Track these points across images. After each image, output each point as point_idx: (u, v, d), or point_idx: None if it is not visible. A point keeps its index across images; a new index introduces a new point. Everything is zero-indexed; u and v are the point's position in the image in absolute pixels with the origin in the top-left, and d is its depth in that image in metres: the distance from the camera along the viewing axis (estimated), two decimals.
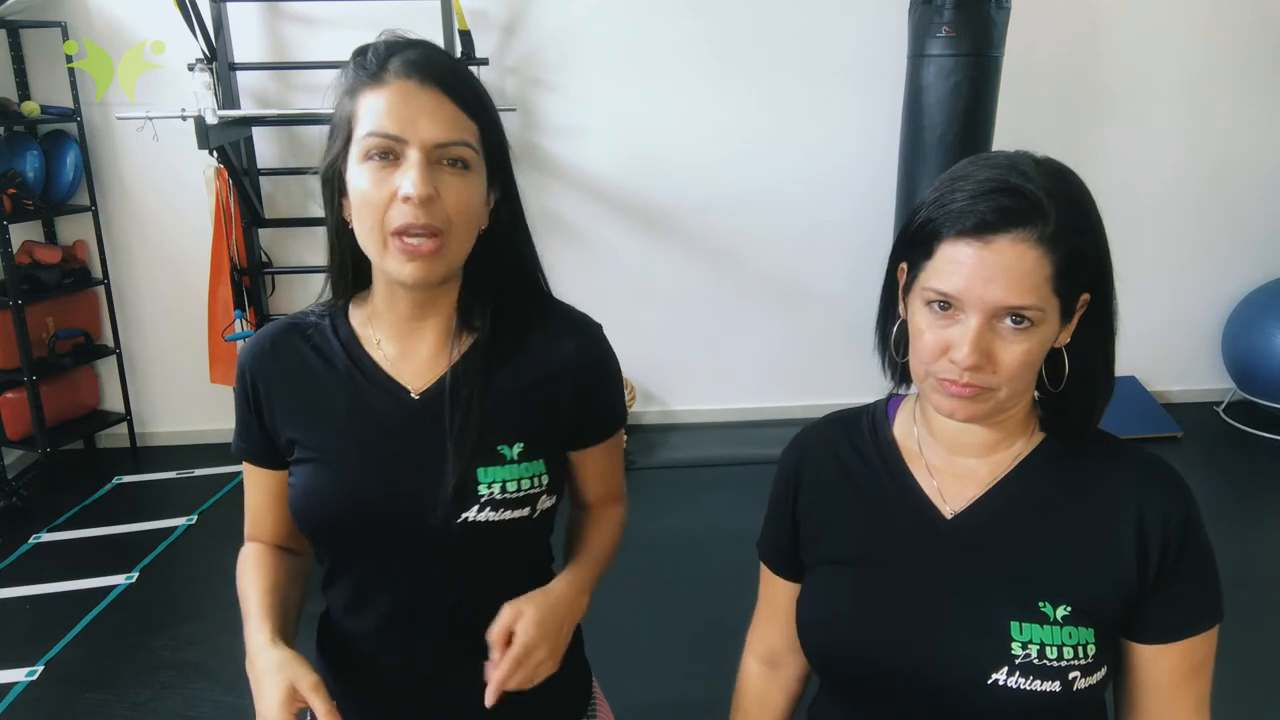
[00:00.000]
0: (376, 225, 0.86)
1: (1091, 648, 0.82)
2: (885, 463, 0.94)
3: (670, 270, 3.92)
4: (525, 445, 0.95)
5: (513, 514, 0.93)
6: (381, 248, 0.87)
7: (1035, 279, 0.78)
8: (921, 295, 0.83)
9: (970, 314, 0.79)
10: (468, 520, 0.92)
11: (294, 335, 0.99)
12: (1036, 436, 0.90)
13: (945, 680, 0.84)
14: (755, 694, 1.08)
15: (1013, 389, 0.82)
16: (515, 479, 0.93)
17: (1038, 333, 0.80)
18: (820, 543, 0.96)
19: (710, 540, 3.05)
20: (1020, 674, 0.81)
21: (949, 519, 0.89)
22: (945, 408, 0.84)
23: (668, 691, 2.35)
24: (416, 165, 0.84)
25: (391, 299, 0.95)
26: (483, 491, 0.92)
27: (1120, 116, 3.87)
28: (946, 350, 0.81)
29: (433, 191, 0.85)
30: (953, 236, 0.80)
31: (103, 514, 3.37)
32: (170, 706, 2.31)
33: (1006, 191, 0.78)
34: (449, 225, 0.87)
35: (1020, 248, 0.77)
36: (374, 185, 0.86)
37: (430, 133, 0.85)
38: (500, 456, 0.93)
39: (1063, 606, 0.83)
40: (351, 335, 0.98)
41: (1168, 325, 4.08)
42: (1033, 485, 0.88)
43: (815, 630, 0.93)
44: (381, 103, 0.86)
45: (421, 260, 0.86)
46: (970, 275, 0.78)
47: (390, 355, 0.97)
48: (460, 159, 0.87)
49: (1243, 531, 3.16)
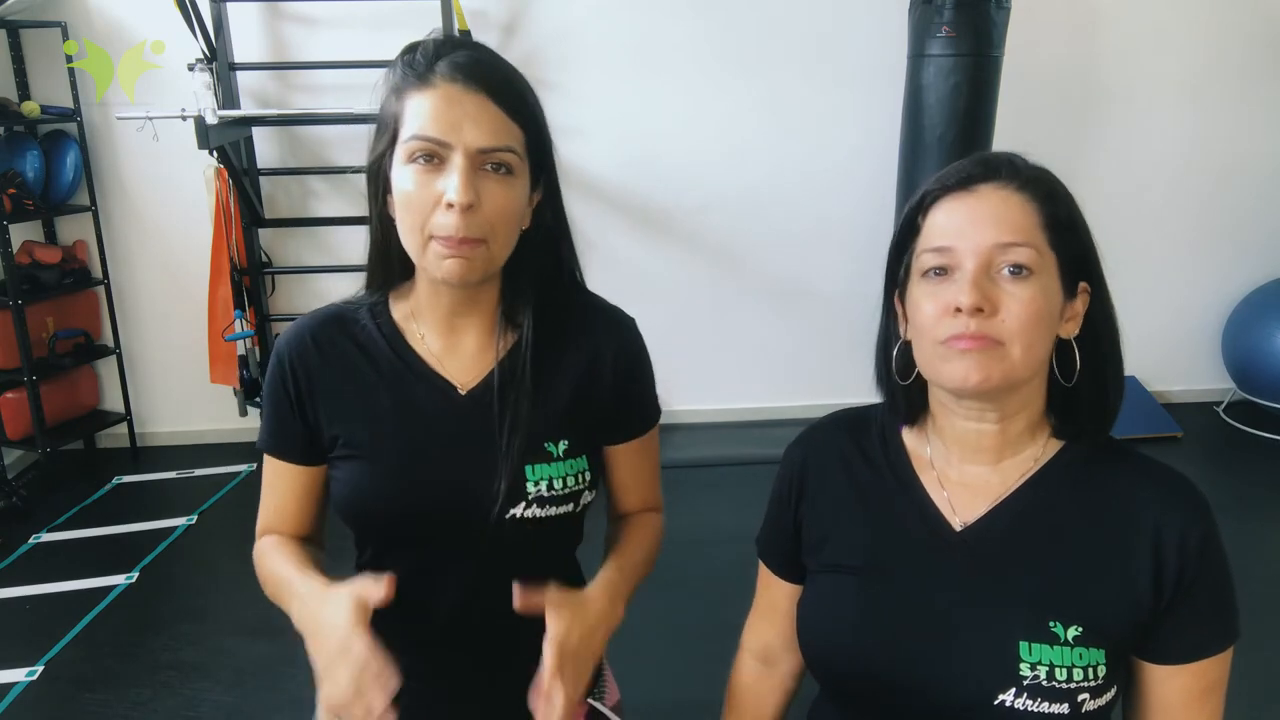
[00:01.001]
0: (418, 227, 0.87)
1: (1102, 669, 0.80)
2: (894, 470, 0.92)
3: (670, 270, 3.92)
4: (570, 442, 0.96)
5: (559, 510, 0.95)
6: (422, 247, 0.88)
7: (1023, 221, 0.80)
8: (918, 268, 0.84)
9: (966, 262, 0.80)
10: (515, 516, 0.93)
11: (334, 328, 0.99)
12: (1051, 445, 0.88)
13: (951, 699, 0.82)
14: (749, 691, 1.08)
15: (1024, 346, 0.79)
16: (561, 476, 0.95)
17: (1037, 282, 0.80)
18: (824, 548, 0.94)
19: (710, 540, 3.05)
20: (1028, 695, 0.79)
21: (958, 531, 0.87)
22: (957, 375, 0.80)
23: (668, 691, 2.35)
24: (460, 171, 0.85)
25: (434, 295, 0.95)
26: (530, 489, 0.93)
27: (1120, 116, 3.87)
28: (948, 309, 0.80)
29: (475, 199, 0.85)
30: (938, 198, 0.84)
31: (103, 514, 3.37)
32: (170, 706, 2.31)
33: (981, 155, 0.85)
34: (491, 232, 0.88)
35: (1004, 193, 0.81)
36: (418, 188, 0.86)
37: (474, 138, 0.86)
38: (548, 454, 0.95)
39: (1074, 627, 0.80)
40: (395, 330, 0.98)
41: (1168, 325, 4.08)
42: (1046, 498, 0.86)
43: (817, 638, 0.92)
44: (427, 105, 0.86)
45: (462, 259, 0.87)
46: (960, 223, 0.81)
47: (435, 350, 0.97)
48: (504, 164, 0.88)
49: (1243, 531, 3.16)
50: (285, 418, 0.99)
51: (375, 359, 0.97)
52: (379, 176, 0.92)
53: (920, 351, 0.85)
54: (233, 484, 3.58)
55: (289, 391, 0.98)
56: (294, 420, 0.99)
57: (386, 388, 0.96)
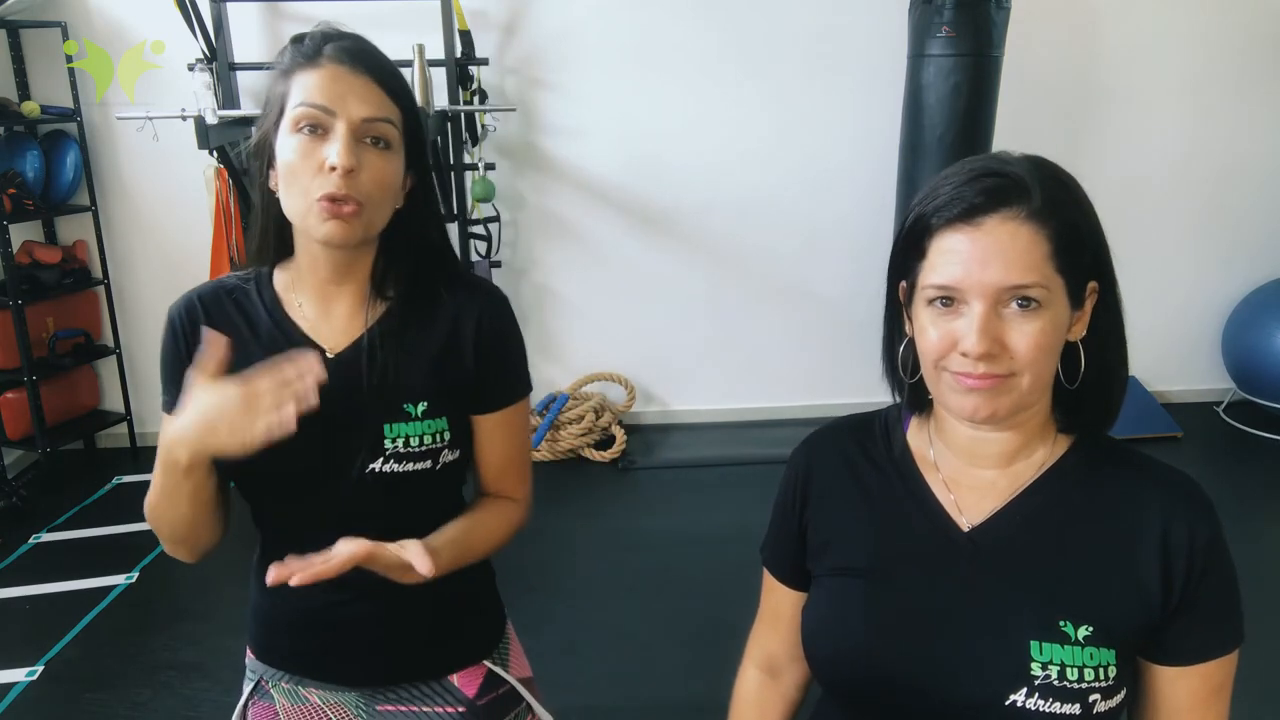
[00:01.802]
0: (302, 191, 0.93)
1: (1113, 669, 0.79)
2: (899, 471, 0.91)
3: (670, 270, 3.92)
4: (429, 404, 1.01)
5: (415, 466, 1.01)
6: (305, 211, 0.94)
7: (1033, 256, 0.77)
8: (923, 296, 0.82)
9: (973, 301, 0.78)
10: (374, 471, 1.00)
11: (222, 296, 1.06)
12: (1060, 443, 0.87)
13: (961, 700, 0.81)
14: (753, 702, 1.06)
15: (1034, 375, 0.79)
16: (419, 434, 1.01)
17: (1047, 314, 0.78)
18: (829, 552, 0.93)
19: (710, 540, 3.05)
20: (1040, 695, 0.78)
21: (966, 532, 0.86)
22: (965, 408, 0.80)
23: (668, 691, 2.34)
24: (342, 138, 0.92)
25: (313, 263, 1.02)
26: (388, 446, 1.00)
27: (1120, 116, 3.87)
28: (954, 344, 0.79)
29: (356, 164, 0.92)
30: (942, 227, 0.80)
31: (103, 514, 3.37)
32: (170, 706, 2.31)
33: (989, 175, 0.79)
34: (368, 198, 0.94)
35: (1011, 225, 0.77)
36: (302, 155, 0.93)
37: (358, 109, 0.93)
38: (406, 414, 1.01)
39: (1084, 627, 0.80)
40: (275, 298, 1.05)
41: (1168, 325, 4.08)
42: (1053, 499, 0.85)
43: (823, 642, 0.91)
44: (315, 80, 0.94)
45: (341, 220, 0.93)
46: (966, 262, 0.78)
47: (310, 317, 1.04)
48: (383, 137, 0.95)
49: (1243, 531, 3.15)
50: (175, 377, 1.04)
51: (255, 324, 1.04)
52: (264, 152, 0.99)
53: (926, 371, 0.85)
54: (232, 484, 3.57)
55: (178, 350, 1.05)
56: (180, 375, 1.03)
57: (262, 351, 1.01)
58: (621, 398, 3.99)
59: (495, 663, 1.15)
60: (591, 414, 3.80)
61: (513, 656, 1.19)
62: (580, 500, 3.44)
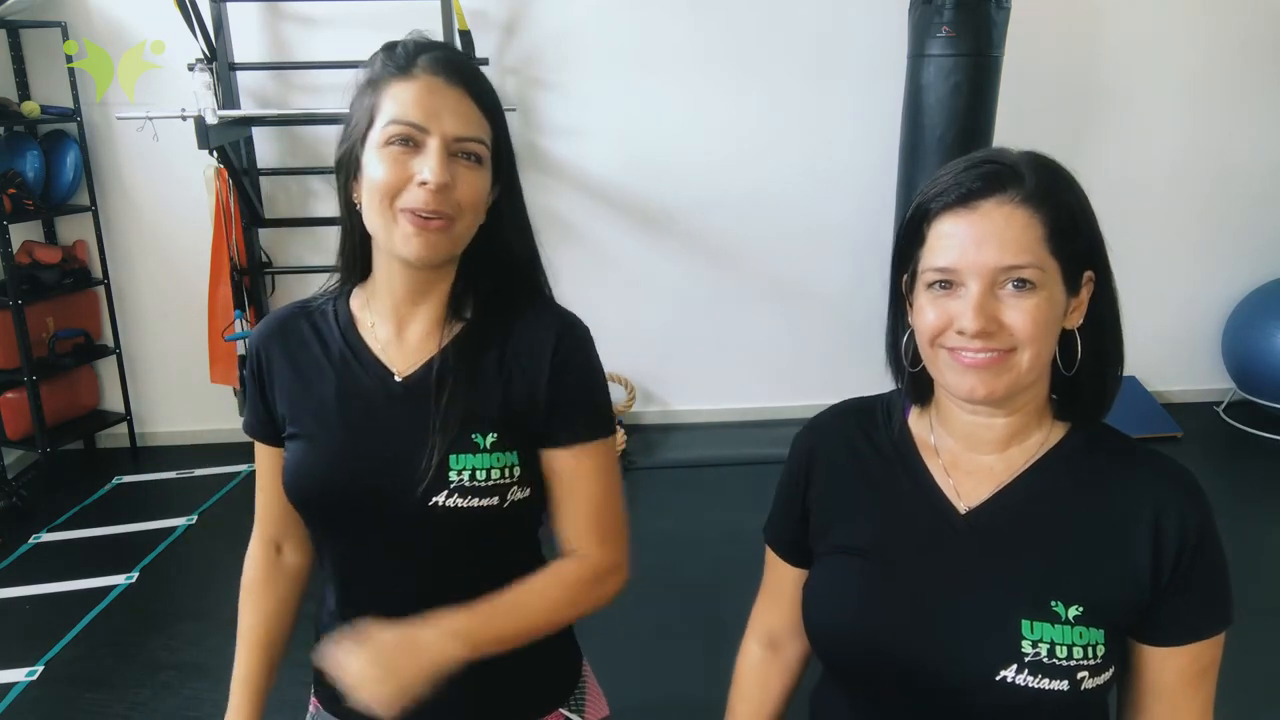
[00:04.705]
0: (388, 204, 0.91)
1: (1101, 648, 0.82)
2: (900, 454, 0.94)
3: (670, 270, 3.92)
4: (499, 435, 0.95)
5: (481, 502, 0.94)
6: (391, 223, 0.91)
7: (1027, 238, 0.80)
8: (922, 281, 0.85)
9: (970, 282, 0.81)
10: (437, 504, 0.93)
11: (300, 316, 1.05)
12: (1056, 429, 0.90)
13: (953, 675, 0.84)
14: (755, 676, 1.08)
15: (1033, 352, 0.81)
16: (485, 468, 0.94)
17: (1042, 293, 0.81)
18: (830, 532, 0.96)
19: (710, 540, 3.05)
20: (1029, 672, 0.81)
21: (963, 514, 0.89)
22: (964, 387, 0.83)
23: (668, 690, 2.35)
24: (436, 153, 0.89)
25: (390, 281, 0.98)
26: (453, 478, 0.93)
27: (1120, 116, 3.87)
28: (950, 323, 0.82)
29: (449, 180, 0.90)
30: (941, 212, 0.83)
31: (103, 514, 3.37)
32: (170, 706, 2.31)
33: (986, 162, 0.83)
34: (459, 211, 0.92)
35: (1006, 209, 0.81)
36: (392, 166, 0.90)
37: (452, 126, 0.91)
38: (474, 445, 0.94)
39: (1075, 606, 0.82)
40: (349, 318, 1.03)
41: (1168, 325, 4.08)
42: (1049, 483, 0.87)
43: (823, 620, 0.93)
44: (409, 94, 0.91)
45: (428, 235, 0.90)
46: (963, 244, 0.81)
47: (382, 338, 1.00)
48: (474, 154, 0.93)
49: (1243, 531, 3.16)
50: (255, 399, 1.05)
51: (327, 345, 1.01)
52: (349, 165, 0.96)
53: (923, 351, 0.87)
54: (233, 484, 3.58)
55: (255, 373, 1.04)
56: (260, 402, 1.05)
57: (334, 373, 0.99)
58: (621, 398, 3.99)
59: (571, 709, 1.10)
60: None
61: (589, 700, 1.14)
62: None
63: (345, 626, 0.98)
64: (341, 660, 0.84)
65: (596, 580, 1.00)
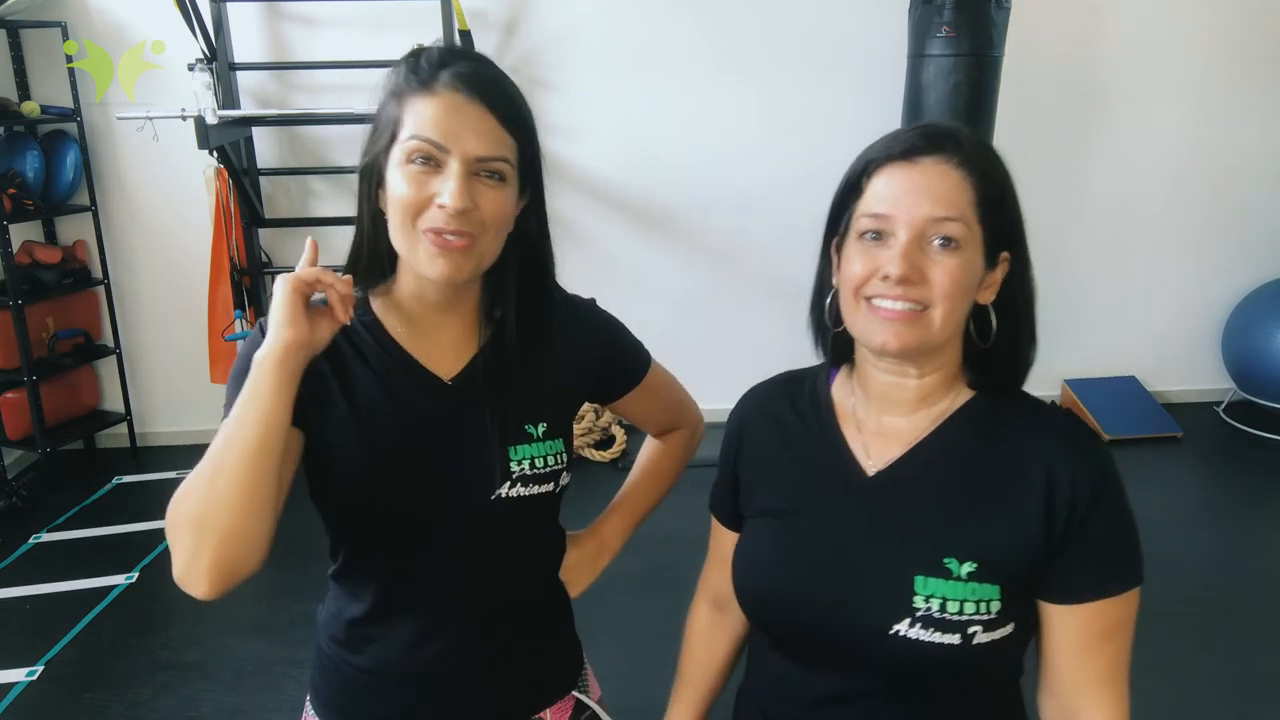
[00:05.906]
0: (411, 224, 0.90)
1: (995, 604, 0.85)
2: (819, 421, 0.99)
3: (671, 270, 3.92)
4: (549, 424, 1.02)
5: (540, 489, 1.00)
6: (414, 243, 0.91)
7: (958, 198, 0.85)
8: (855, 230, 0.90)
9: (900, 231, 0.85)
10: (501, 496, 0.98)
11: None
12: (963, 395, 0.93)
13: (852, 631, 0.88)
14: (702, 634, 1.17)
15: (946, 310, 0.85)
16: (541, 455, 1.00)
17: (964, 255, 0.85)
18: (755, 496, 1.02)
19: None
20: (921, 626, 0.85)
21: (870, 476, 0.93)
22: (879, 337, 0.86)
23: (667, 690, 2.34)
24: (457, 176, 0.88)
25: (420, 291, 0.98)
26: (514, 469, 0.98)
27: (1120, 116, 3.87)
28: (875, 271, 0.86)
29: (470, 204, 0.89)
30: (883, 163, 0.89)
31: (103, 514, 3.38)
32: (170, 706, 2.31)
33: (927, 127, 0.90)
34: (481, 229, 0.91)
35: (943, 168, 0.86)
36: (413, 188, 0.89)
37: (473, 147, 0.90)
38: (528, 435, 1.00)
39: (969, 563, 0.85)
40: (377, 324, 1.01)
41: (1168, 325, 4.07)
42: (952, 444, 0.91)
43: (743, 579, 0.99)
44: (430, 111, 0.90)
45: (452, 255, 0.90)
46: (899, 193, 0.86)
47: (412, 344, 1.00)
48: (497, 172, 0.92)
49: (1243, 531, 3.16)
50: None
51: (361, 349, 0.99)
52: (373, 173, 0.95)
53: (844, 301, 0.91)
54: None
55: None
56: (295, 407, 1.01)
57: (375, 379, 0.98)
58: None
59: (581, 691, 1.16)
60: (591, 414, 3.80)
61: (591, 681, 1.20)
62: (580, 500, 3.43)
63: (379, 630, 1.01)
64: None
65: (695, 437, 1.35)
